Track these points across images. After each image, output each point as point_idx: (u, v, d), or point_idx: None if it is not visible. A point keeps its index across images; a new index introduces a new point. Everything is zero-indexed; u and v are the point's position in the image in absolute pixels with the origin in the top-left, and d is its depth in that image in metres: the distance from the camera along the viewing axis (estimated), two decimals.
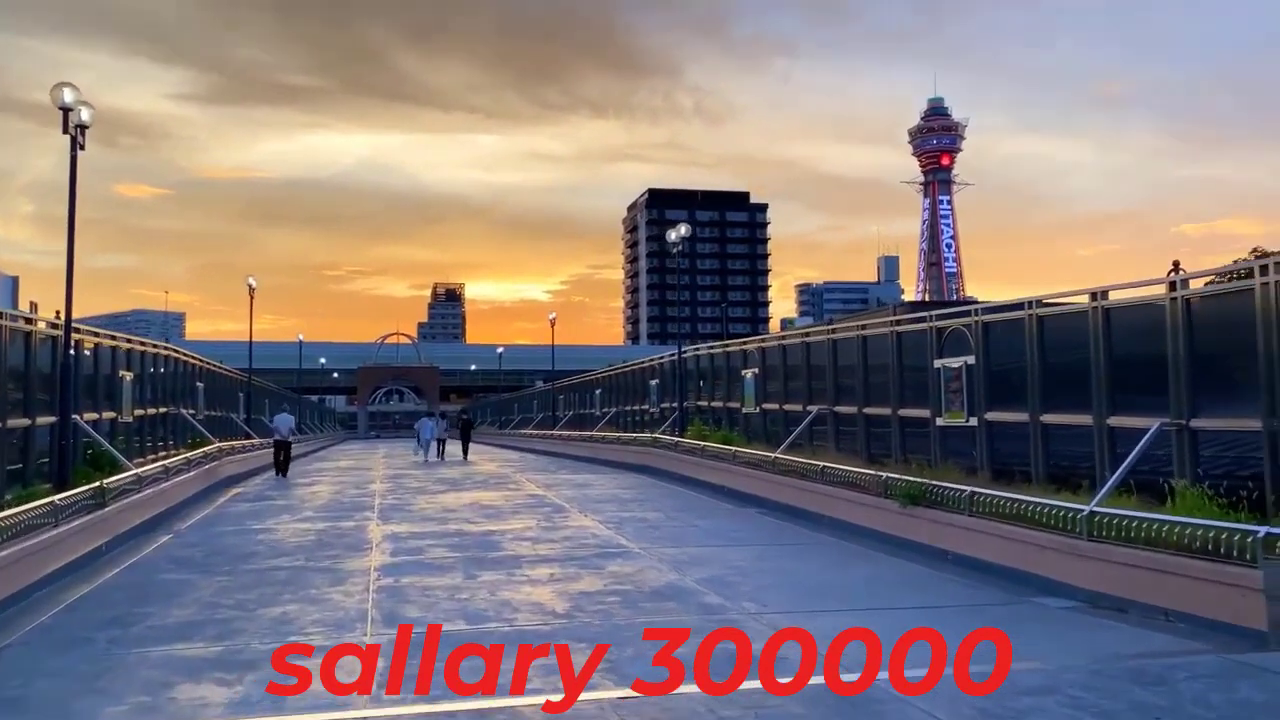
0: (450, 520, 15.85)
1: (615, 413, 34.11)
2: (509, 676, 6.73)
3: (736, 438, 21.32)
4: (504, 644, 7.60)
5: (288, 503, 19.35)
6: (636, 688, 6.40)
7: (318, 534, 14.45)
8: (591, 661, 7.08)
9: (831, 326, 18.16)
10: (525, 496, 19.72)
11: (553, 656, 7.23)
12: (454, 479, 24.89)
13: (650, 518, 15.92)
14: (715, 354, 24.68)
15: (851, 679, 6.58)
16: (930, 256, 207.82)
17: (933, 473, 12.97)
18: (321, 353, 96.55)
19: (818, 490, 15.16)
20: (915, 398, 15.07)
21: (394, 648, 7.57)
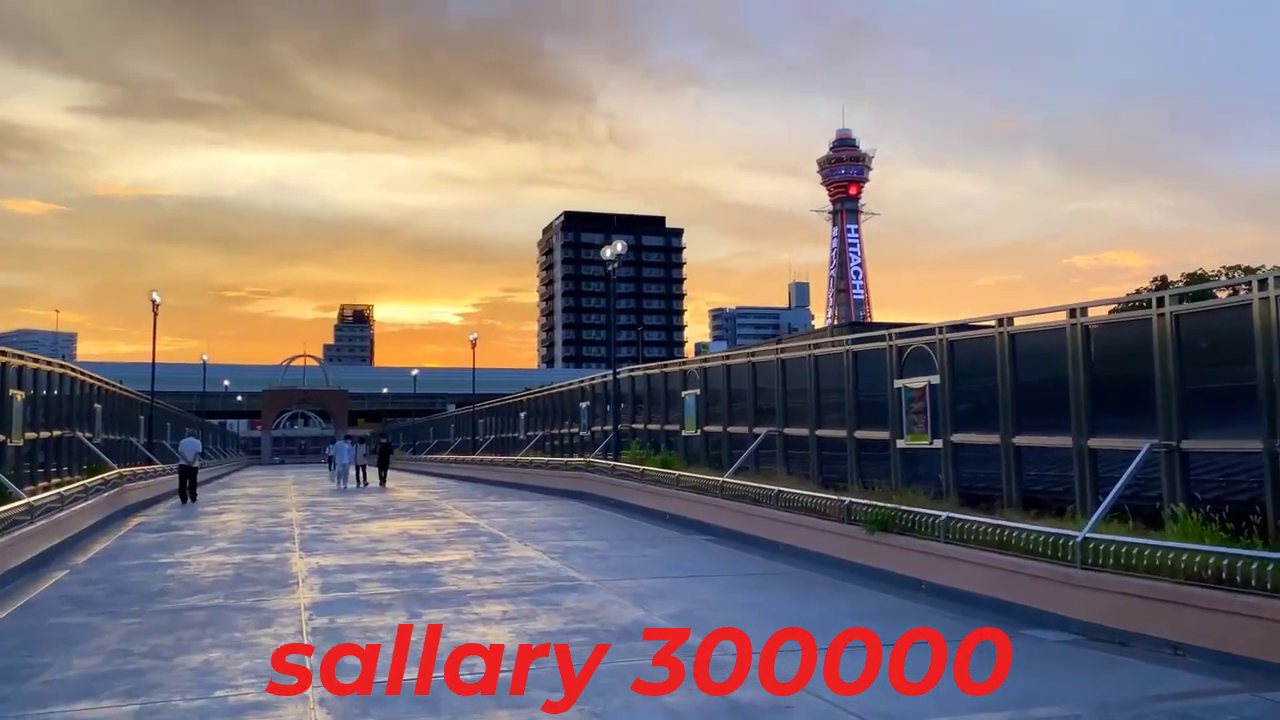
0: (380, 551, 14.72)
1: (542, 436, 33.10)
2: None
3: (677, 461, 20.60)
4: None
5: (197, 533, 17.92)
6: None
7: (236, 568, 13.20)
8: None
9: (780, 346, 17.61)
10: (456, 525, 18.63)
11: (528, 710, 6.34)
12: (375, 507, 23.59)
13: (595, 547, 15.05)
14: (652, 375, 23.95)
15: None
16: (839, 283, 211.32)
17: (898, 497, 12.42)
18: (225, 375, 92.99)
19: (772, 516, 14.50)
20: (873, 419, 14.55)
21: (341, 702, 6.59)
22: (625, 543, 15.59)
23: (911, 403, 13.39)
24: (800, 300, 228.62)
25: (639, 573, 12.46)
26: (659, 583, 11.65)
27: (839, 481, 15.06)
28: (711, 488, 16.78)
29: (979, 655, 7.86)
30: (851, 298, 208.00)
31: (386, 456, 36.04)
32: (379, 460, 35.27)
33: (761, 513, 14.84)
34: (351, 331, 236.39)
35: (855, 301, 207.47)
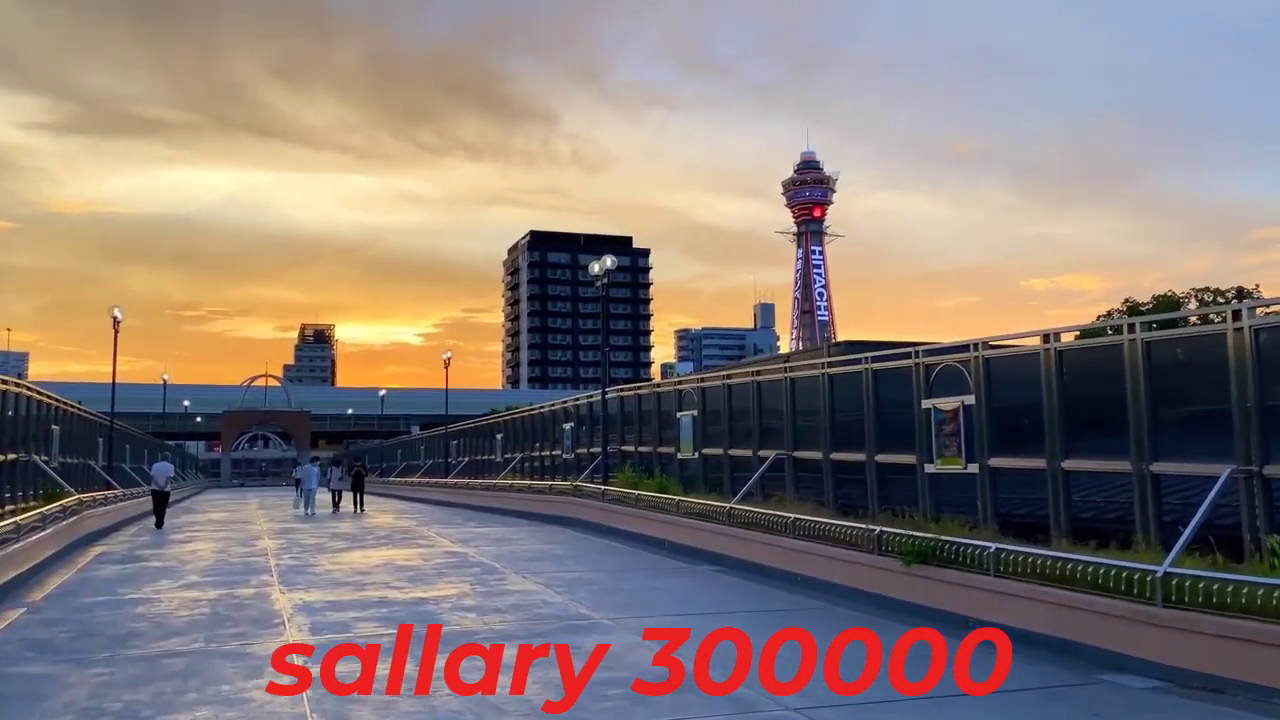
0: (368, 585, 13.64)
1: (520, 459, 32.04)
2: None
3: (673, 486, 19.66)
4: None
5: (165, 564, 16.70)
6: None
7: (212, 605, 12.07)
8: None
9: (788, 364, 16.79)
10: (443, 554, 17.55)
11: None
12: (353, 534, 22.41)
13: (599, 579, 14.07)
14: (644, 395, 23.04)
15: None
16: (804, 305, 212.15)
17: (935, 526, 11.59)
18: (184, 395, 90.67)
19: (789, 546, 13.61)
20: (896, 442, 13.73)
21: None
22: (629, 574, 14.62)
23: (942, 424, 12.59)
24: (765, 321, 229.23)
25: (656, 609, 11.50)
26: (681, 621, 10.69)
27: (857, 508, 14.21)
28: (717, 514, 15.87)
29: (1061, 705, 7.02)
30: (816, 319, 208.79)
31: (361, 481, 33.62)
32: (353, 485, 33.01)
33: (777, 542, 13.95)
34: (312, 351, 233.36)
35: (820, 323, 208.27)
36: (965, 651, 8.98)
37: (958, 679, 7.94)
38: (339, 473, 34.13)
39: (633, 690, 7.58)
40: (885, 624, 10.37)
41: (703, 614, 11.19)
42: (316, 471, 32.49)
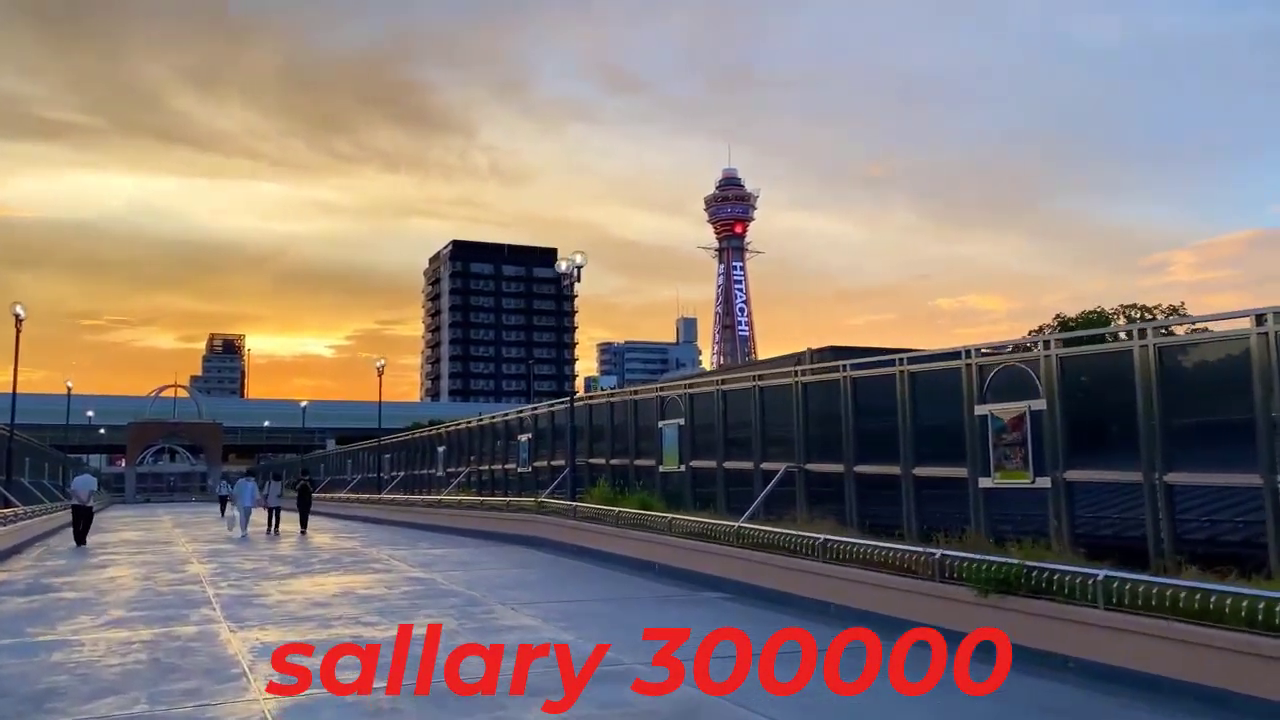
0: (333, 621, 11.61)
1: (467, 474, 29.94)
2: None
3: (657, 502, 17.94)
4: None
5: (81, 594, 14.37)
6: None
7: (148, 648, 9.95)
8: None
9: (800, 367, 15.23)
10: (407, 581, 15.53)
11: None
12: (294, 557, 20.13)
13: (601, 610, 12.27)
14: (616, 403, 21.26)
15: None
16: (725, 320, 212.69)
17: (997, 548, 10.11)
18: (87, 406, 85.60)
19: (817, 571, 12.00)
20: (939, 453, 12.27)
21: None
22: (630, 604, 12.87)
23: (1001, 433, 11.14)
24: (688, 336, 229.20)
25: (695, 650, 9.75)
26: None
27: (889, 528, 12.69)
28: (721, 534, 14.19)
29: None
30: (737, 334, 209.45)
31: (308, 498, 29.51)
32: (299, 503, 29.10)
33: (801, 566, 12.32)
34: (221, 362, 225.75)
35: (740, 338, 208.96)
36: (1100, 707, 7.46)
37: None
38: (277, 488, 30.08)
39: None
40: (976, 666, 8.82)
41: None
42: (253, 487, 28.68)
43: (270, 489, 29.23)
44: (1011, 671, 8.56)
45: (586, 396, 23.07)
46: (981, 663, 8.89)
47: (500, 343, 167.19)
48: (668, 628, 10.95)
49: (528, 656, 9.31)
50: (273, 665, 9.05)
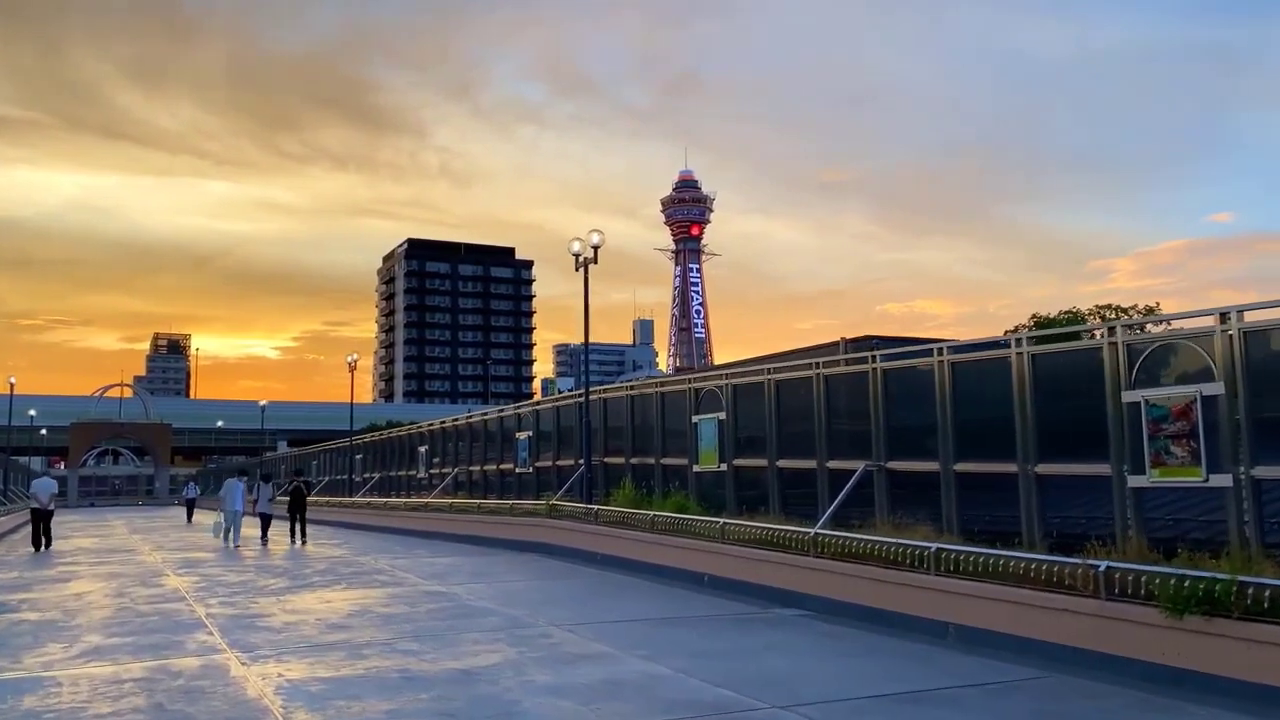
0: (364, 649, 9.63)
1: (454, 475, 27.87)
2: None
3: (693, 505, 16.16)
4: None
5: (46, 615, 12.21)
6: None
7: (144, 690, 7.92)
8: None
9: (874, 353, 13.52)
10: (424, 596, 13.55)
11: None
12: (285, 567, 17.96)
13: (681, 637, 10.42)
14: (638, 396, 19.41)
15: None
16: (681, 322, 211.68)
17: (1158, 558, 8.50)
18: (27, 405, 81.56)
19: (927, 585, 10.28)
20: (1069, 448, 10.63)
21: None
22: (703, 626, 11.04)
23: (1161, 423, 9.51)
24: (645, 338, 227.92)
25: (834, 690, 7.95)
26: (897, 708, 7.23)
27: (1002, 534, 11.02)
28: (795, 543, 12.41)
29: None
30: (693, 336, 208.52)
31: (303, 502, 25.23)
32: (291, 508, 25.00)
33: (905, 579, 10.58)
34: (166, 362, 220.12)
35: (696, 340, 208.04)
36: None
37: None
38: (269, 491, 25.75)
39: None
40: (1168, 705, 7.14)
41: (912, 700, 7.71)
42: (242, 489, 24.81)
43: (260, 492, 25.39)
44: (1243, 714, 6.90)
45: (601, 390, 21.20)
46: (1196, 702, 7.23)
47: (457, 343, 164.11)
48: (777, 660, 9.16)
49: (637, 697, 7.45)
50: (314, 713, 7.08)
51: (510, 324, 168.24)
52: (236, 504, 23.89)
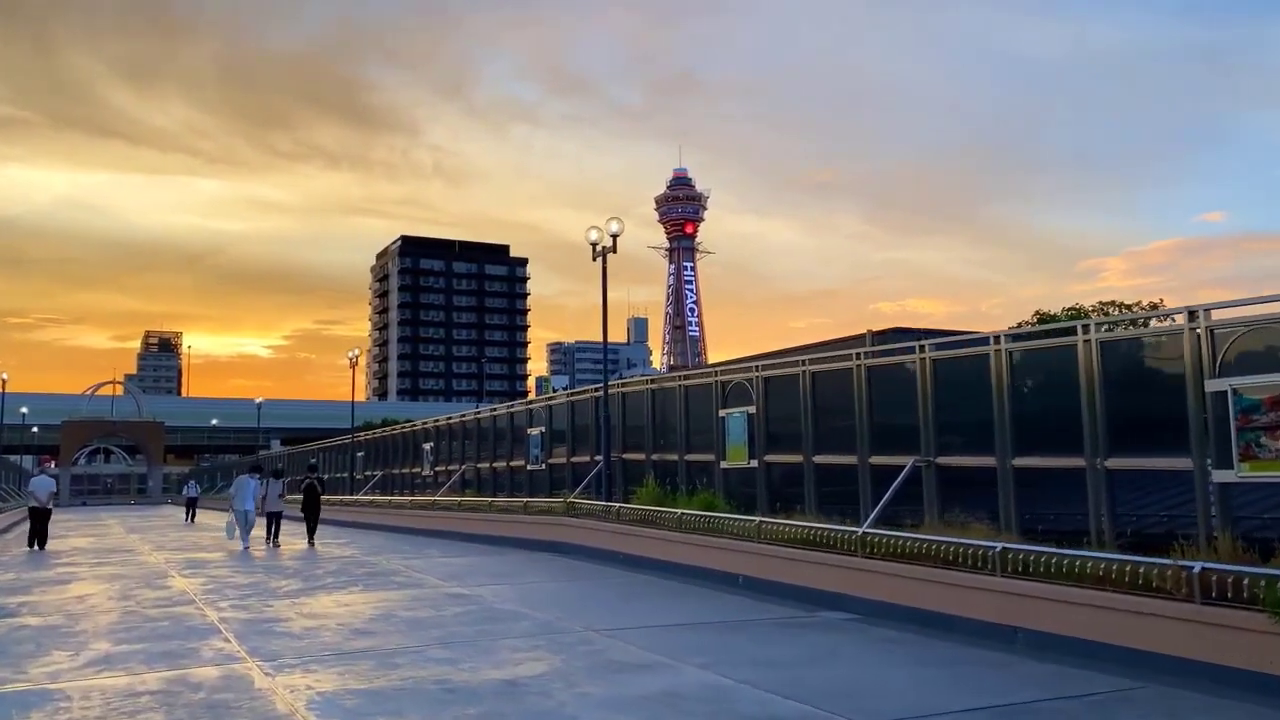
0: (395, 657, 8.94)
1: (461, 473, 27.16)
2: None
3: (721, 503, 15.51)
4: None
5: (47, 620, 11.50)
6: None
7: (163, 705, 7.23)
8: None
9: (923, 342, 12.87)
10: (447, 598, 12.86)
11: None
12: (295, 568, 17.23)
13: (731, 642, 9.78)
14: (659, 390, 18.73)
15: None
16: (675, 320, 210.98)
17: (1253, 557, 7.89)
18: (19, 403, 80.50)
19: (991, 587, 9.65)
20: (1141, 441, 10.00)
21: None
22: (750, 631, 10.39)
23: (1252, 413, 8.88)
24: (639, 336, 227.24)
25: (916, 702, 7.30)
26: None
27: (1067, 532, 10.41)
28: (840, 542, 11.77)
29: None
30: (687, 334, 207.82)
31: (316, 500, 23.25)
32: (305, 507, 22.94)
33: (965, 581, 9.95)
34: (157, 361, 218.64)
35: (691, 338, 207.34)
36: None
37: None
38: (279, 487, 23.79)
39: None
40: None
41: (999, 712, 7.07)
42: (255, 485, 22.67)
43: (270, 489, 23.35)
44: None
45: (620, 384, 20.52)
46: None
47: (451, 341, 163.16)
48: (843, 668, 8.52)
49: (712, 716, 6.80)
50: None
51: (505, 322, 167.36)
52: (247, 503, 22.20)
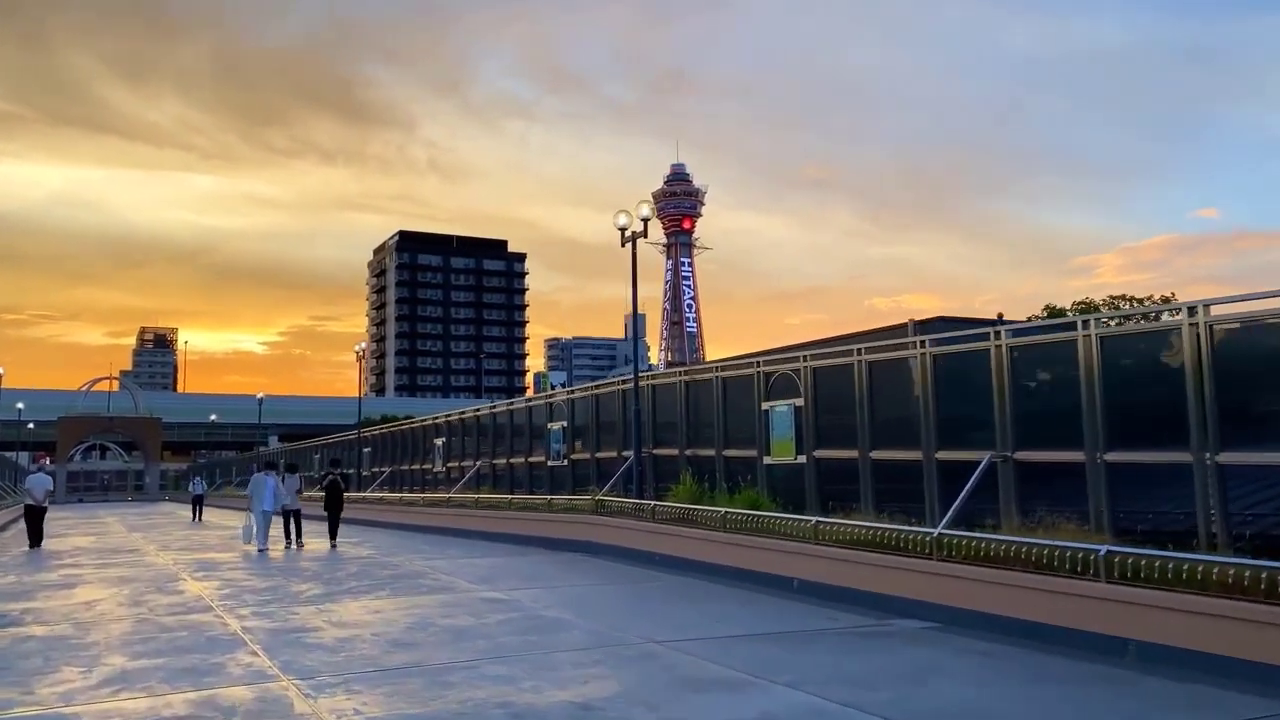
0: (446, 674, 8.03)
1: (479, 468, 26.25)
2: None
3: (766, 501, 14.65)
4: None
5: (55, 629, 10.58)
6: None
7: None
8: None
9: (997, 328, 11.98)
10: (484, 604, 11.95)
11: None
12: (314, 570, 16.29)
13: (817, 660, 8.90)
14: (693, 382, 17.83)
15: None
16: (673, 316, 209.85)
17: None
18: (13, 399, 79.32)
19: (1096, 594, 8.78)
20: (1261, 434, 9.14)
21: None
22: (829, 641, 9.52)
23: None
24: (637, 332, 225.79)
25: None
26: None
27: (1173, 534, 9.53)
28: (912, 544, 10.88)
29: None
30: (685, 330, 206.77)
31: (339, 498, 21.79)
32: (327, 505, 21.57)
33: (1061, 586, 9.07)
34: (153, 357, 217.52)
35: (689, 334, 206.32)
36: None
37: None
38: (296, 483, 22.15)
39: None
40: None
41: None
42: (274, 483, 20.91)
43: (287, 486, 21.60)
44: None
45: (649, 376, 19.62)
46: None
47: (449, 337, 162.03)
48: (948, 687, 7.64)
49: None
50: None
51: (503, 317, 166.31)
52: (266, 502, 20.55)
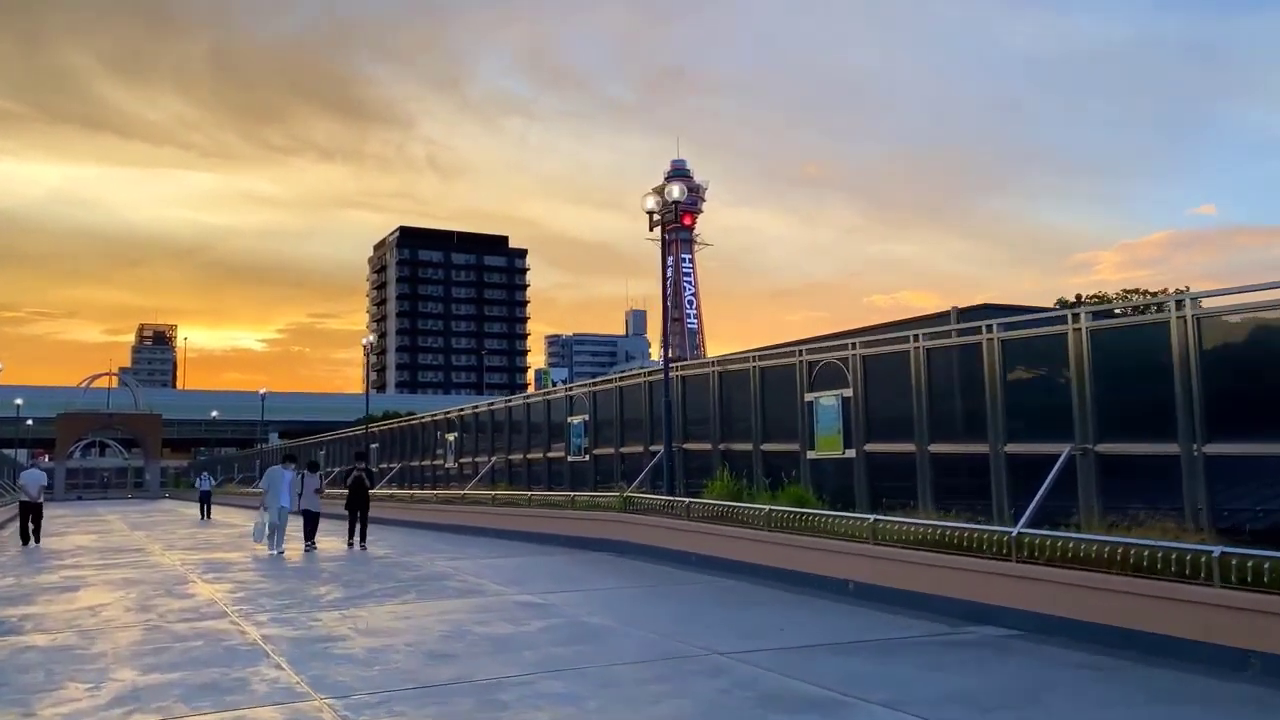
0: (497, 692, 7.16)
1: (494, 463, 25.38)
2: None
3: (811, 498, 13.79)
4: None
5: (57, 638, 9.70)
6: None
7: None
8: None
9: (1082, 310, 11.13)
10: (520, 609, 11.09)
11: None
12: (333, 571, 15.41)
13: (906, 675, 8.05)
14: (726, 373, 16.95)
15: None
16: (674, 312, 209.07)
17: None
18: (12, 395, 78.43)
19: (1197, 600, 7.92)
20: None
21: None
22: (910, 652, 8.67)
23: None
24: (638, 328, 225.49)
25: None
26: None
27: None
28: (987, 544, 10.02)
29: None
30: (685, 326, 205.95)
31: (365, 496, 20.13)
32: (350, 504, 19.91)
33: (1165, 591, 8.21)
34: (152, 354, 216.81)
35: (689, 330, 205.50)
36: None
37: None
38: (315, 481, 20.47)
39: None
40: None
41: None
42: (291, 478, 19.58)
43: (306, 485, 20.04)
44: None
45: (679, 366, 18.75)
46: None
47: (450, 333, 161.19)
48: (1069, 709, 6.78)
49: None
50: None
51: (504, 314, 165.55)
52: (284, 499, 19.04)
